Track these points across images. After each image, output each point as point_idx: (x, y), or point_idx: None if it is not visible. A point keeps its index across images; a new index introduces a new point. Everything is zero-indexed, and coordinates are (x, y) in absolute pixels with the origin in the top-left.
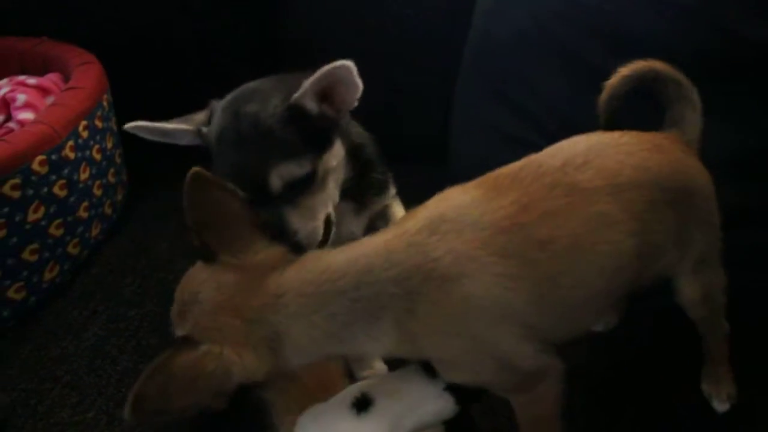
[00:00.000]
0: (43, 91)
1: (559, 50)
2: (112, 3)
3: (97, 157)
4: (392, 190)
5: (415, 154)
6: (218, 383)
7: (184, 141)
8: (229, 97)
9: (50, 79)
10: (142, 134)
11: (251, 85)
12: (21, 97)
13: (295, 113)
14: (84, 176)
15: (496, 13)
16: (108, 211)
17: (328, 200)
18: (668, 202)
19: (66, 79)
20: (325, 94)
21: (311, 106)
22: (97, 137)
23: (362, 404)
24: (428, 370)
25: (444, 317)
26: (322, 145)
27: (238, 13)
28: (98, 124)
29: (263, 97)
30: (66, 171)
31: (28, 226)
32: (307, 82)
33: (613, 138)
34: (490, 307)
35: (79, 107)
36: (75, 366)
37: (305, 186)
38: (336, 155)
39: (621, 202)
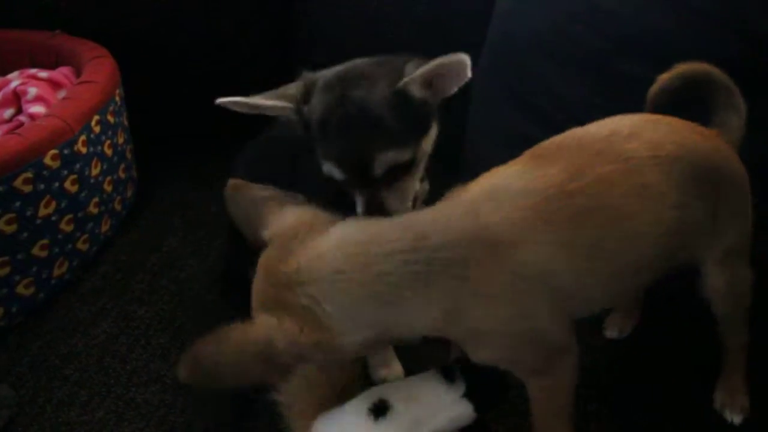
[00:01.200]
0: (55, 84)
1: (577, 53)
2: None
3: (109, 152)
4: (426, 186)
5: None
6: (262, 350)
7: (274, 113)
8: (330, 75)
9: (62, 73)
10: (233, 108)
11: (353, 65)
12: (32, 91)
13: (402, 99)
14: (95, 171)
15: (515, 16)
16: (118, 207)
17: (417, 180)
18: (707, 182)
19: (78, 73)
20: (431, 81)
21: (417, 92)
22: (109, 132)
23: (380, 410)
24: (447, 375)
25: (495, 283)
26: (421, 131)
27: (253, 10)
28: (110, 119)
29: (369, 80)
30: (78, 166)
31: (38, 221)
32: (420, 71)
33: (658, 117)
34: (538, 275)
35: (92, 101)
36: (84, 364)
37: (404, 171)
38: (431, 138)
39: (665, 174)
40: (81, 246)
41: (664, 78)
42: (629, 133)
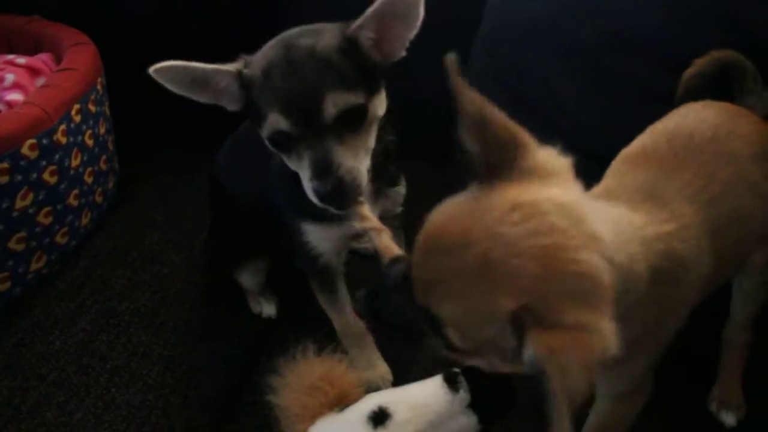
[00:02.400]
0: (33, 71)
1: (571, 47)
2: None
3: (90, 142)
4: (402, 190)
5: (420, 150)
6: (594, 360)
7: (204, 97)
8: (274, 39)
9: (41, 59)
10: (168, 80)
11: (297, 27)
12: (9, 77)
13: (351, 46)
14: (75, 162)
15: (508, 7)
16: (98, 199)
17: (369, 150)
18: None
19: (58, 59)
20: (380, 33)
21: (366, 41)
22: (90, 122)
23: (379, 418)
24: (451, 384)
25: (693, 290)
26: (372, 85)
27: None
28: (92, 108)
29: (316, 32)
30: (57, 156)
31: (15, 214)
32: (368, 11)
33: (732, 108)
34: (698, 289)
35: (72, 90)
36: (62, 363)
37: (355, 122)
38: (382, 104)
39: (764, 170)
40: (60, 239)
41: (700, 62)
42: (727, 131)
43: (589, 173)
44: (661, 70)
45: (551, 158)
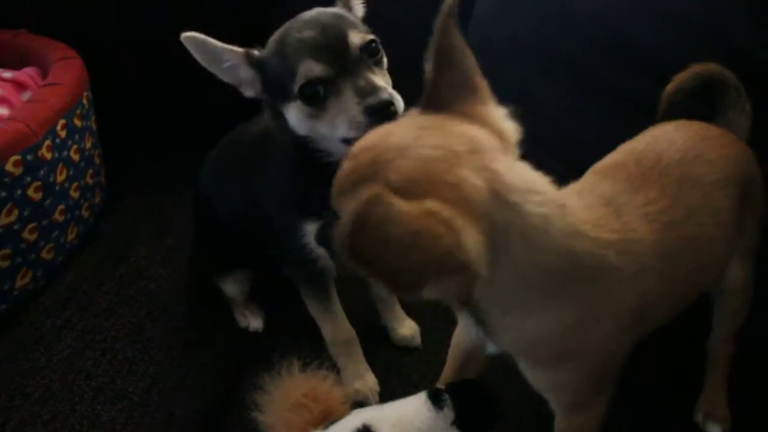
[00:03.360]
0: (19, 85)
1: (556, 59)
2: None
3: (75, 157)
4: None
5: None
6: (440, 254)
7: (222, 75)
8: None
9: (27, 74)
10: (195, 50)
11: None
12: None
13: (347, 8)
14: (61, 178)
15: (493, 21)
16: (85, 213)
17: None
18: (748, 194)
19: (44, 74)
20: None
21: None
22: (76, 137)
23: None
24: (435, 401)
25: (626, 306)
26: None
27: (224, 11)
28: (77, 122)
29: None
30: (42, 172)
31: (0, 231)
32: None
33: (704, 131)
34: (642, 305)
35: (57, 105)
36: (47, 380)
37: (376, 57)
38: (385, 68)
39: (728, 197)
40: (45, 255)
41: (680, 77)
42: (695, 155)
43: None
44: (648, 82)
45: (499, 119)
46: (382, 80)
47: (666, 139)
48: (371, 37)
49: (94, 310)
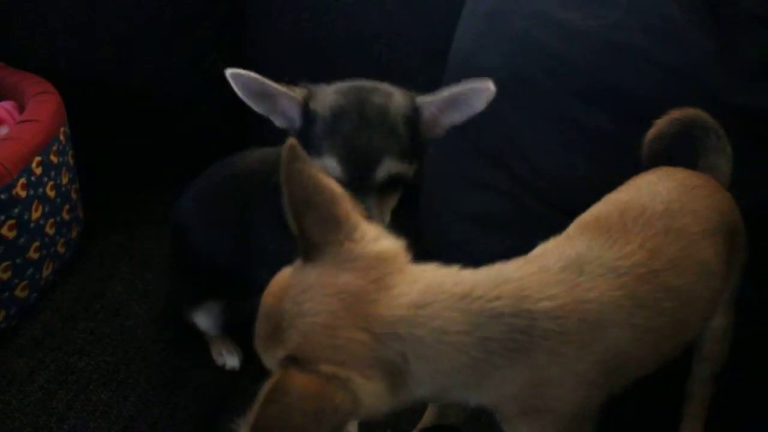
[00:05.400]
0: None
1: (538, 101)
2: (72, 31)
3: (51, 194)
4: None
5: None
6: (345, 416)
7: (261, 109)
8: (342, 84)
9: (4, 108)
10: (239, 85)
11: (365, 82)
12: None
13: (415, 118)
14: (36, 215)
15: (473, 59)
16: (61, 249)
17: (392, 207)
18: (733, 241)
19: (21, 108)
20: (441, 112)
21: (428, 116)
22: (52, 173)
23: None
24: None
25: (587, 363)
26: (418, 156)
27: (204, 45)
28: (54, 159)
29: (388, 93)
30: (16, 210)
31: None
32: (446, 92)
33: (685, 179)
34: (615, 357)
35: (32, 142)
36: (17, 424)
37: (394, 188)
38: (416, 174)
39: (713, 247)
40: (20, 293)
41: (660, 123)
42: (679, 207)
43: (561, 224)
44: (629, 124)
45: (371, 243)
46: (381, 209)
47: (650, 191)
48: (404, 172)
49: (68, 350)
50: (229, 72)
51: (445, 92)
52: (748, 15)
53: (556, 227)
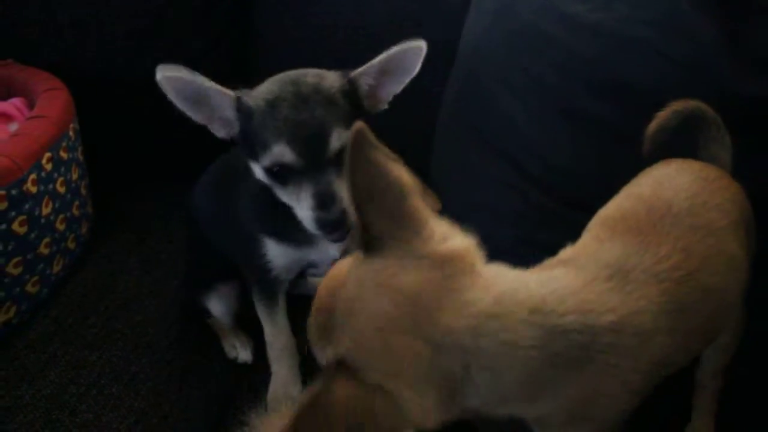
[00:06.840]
0: (6, 117)
1: (543, 93)
2: (81, 27)
3: (61, 190)
4: None
5: None
6: (388, 430)
7: (198, 116)
8: (276, 76)
9: (14, 105)
10: (171, 89)
11: (295, 70)
12: None
13: (351, 89)
14: (46, 211)
15: (482, 57)
16: (71, 245)
17: None
18: (749, 233)
19: (31, 104)
20: (376, 83)
21: (364, 87)
22: (62, 169)
23: None
24: None
25: (637, 374)
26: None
27: (210, 42)
28: (63, 155)
29: (319, 73)
30: (27, 206)
31: None
32: (375, 60)
33: (702, 171)
34: (658, 363)
35: (43, 138)
36: (30, 418)
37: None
38: None
39: (738, 240)
40: (30, 289)
41: (661, 116)
42: (702, 201)
43: (569, 218)
44: (638, 117)
45: (442, 240)
46: (343, 187)
47: (672, 185)
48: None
49: (80, 344)
50: (160, 76)
51: (376, 59)
52: (755, 6)
53: (564, 221)
